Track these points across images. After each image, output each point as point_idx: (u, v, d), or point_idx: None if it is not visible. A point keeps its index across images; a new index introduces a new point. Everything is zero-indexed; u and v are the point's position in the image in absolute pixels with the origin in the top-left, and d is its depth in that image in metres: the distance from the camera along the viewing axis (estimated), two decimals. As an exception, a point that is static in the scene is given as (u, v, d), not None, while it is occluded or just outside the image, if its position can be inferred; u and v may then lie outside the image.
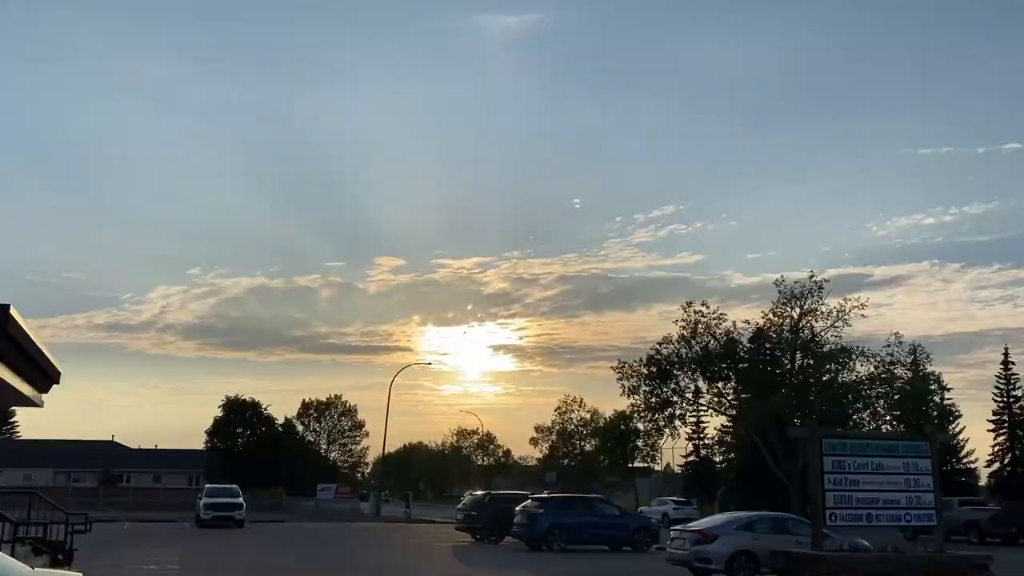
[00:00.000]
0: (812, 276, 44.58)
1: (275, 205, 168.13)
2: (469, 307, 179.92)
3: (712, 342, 45.12)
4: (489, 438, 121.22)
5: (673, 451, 77.81)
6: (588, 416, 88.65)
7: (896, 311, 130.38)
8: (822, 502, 19.95)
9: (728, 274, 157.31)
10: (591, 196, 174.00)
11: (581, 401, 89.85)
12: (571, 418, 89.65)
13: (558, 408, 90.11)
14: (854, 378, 44.42)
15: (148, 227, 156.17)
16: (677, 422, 48.18)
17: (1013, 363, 69.51)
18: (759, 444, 44.09)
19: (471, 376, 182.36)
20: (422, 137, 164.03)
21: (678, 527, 26.25)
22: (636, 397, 46.36)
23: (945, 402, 67.12)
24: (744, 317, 49.33)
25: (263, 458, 74.19)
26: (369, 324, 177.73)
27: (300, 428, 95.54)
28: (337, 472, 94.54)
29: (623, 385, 46.09)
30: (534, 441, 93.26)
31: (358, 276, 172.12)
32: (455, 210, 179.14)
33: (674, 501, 62.65)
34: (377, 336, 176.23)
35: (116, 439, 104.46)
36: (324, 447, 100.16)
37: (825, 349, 44.44)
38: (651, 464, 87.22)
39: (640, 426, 64.01)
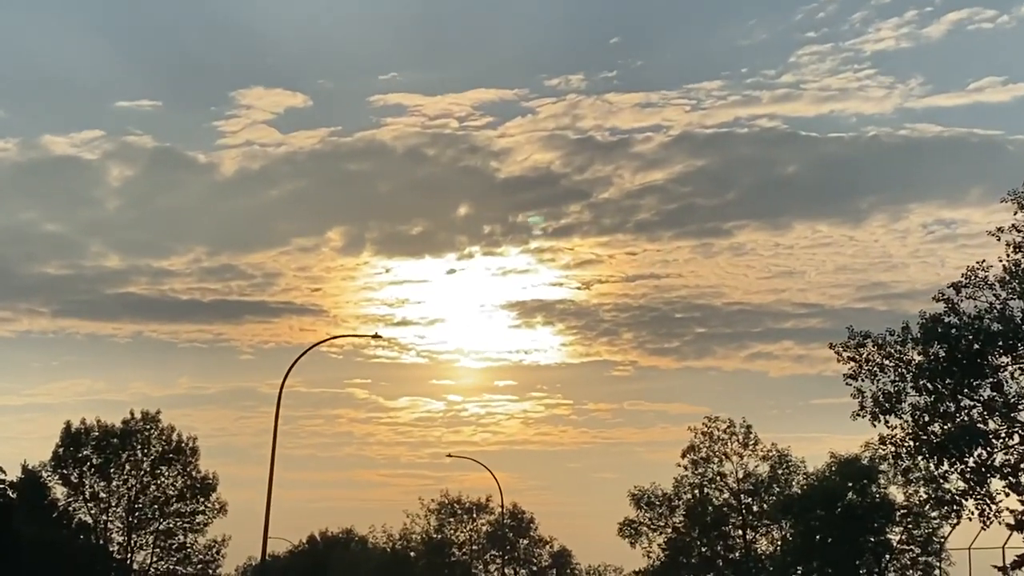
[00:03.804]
0: None
1: None
2: (462, 210, 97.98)
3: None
4: (518, 520, 67.70)
5: (970, 555, 38.73)
6: (766, 468, 50.34)
7: None
8: None
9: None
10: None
11: (747, 433, 51.57)
12: (721, 475, 51.31)
13: (689, 450, 52.34)
14: None
15: None
16: (997, 483, 27.86)
17: None
18: None
19: (468, 377, 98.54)
20: None
21: None
22: (889, 420, 27.84)
23: None
24: None
25: None
26: (223, 248, 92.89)
27: (61, 492, 53.50)
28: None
29: (856, 390, 28.45)
30: (630, 529, 53.54)
31: (198, 134, 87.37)
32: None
33: None
34: (243, 277, 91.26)
35: None
36: (121, 537, 54.49)
37: None
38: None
39: (896, 492, 39.58)
